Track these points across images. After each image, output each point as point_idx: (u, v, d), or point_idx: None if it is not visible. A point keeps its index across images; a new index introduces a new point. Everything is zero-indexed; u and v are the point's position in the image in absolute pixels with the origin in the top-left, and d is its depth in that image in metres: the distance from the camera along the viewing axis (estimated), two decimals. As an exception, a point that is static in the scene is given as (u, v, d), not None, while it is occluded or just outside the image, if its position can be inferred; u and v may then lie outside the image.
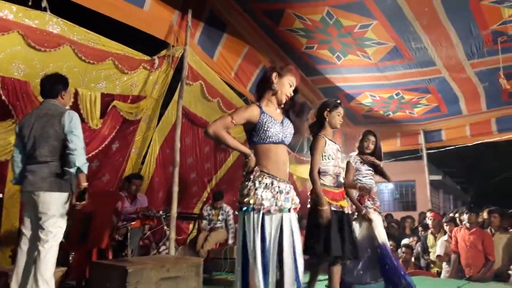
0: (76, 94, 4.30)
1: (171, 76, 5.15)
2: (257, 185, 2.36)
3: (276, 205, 2.37)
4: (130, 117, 4.91)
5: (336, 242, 3.33)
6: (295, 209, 2.48)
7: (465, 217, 6.06)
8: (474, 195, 16.12)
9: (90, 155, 4.63)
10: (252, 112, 2.47)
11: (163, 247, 5.33)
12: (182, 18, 5.03)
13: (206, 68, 5.60)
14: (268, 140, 2.45)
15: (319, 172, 3.45)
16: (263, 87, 2.60)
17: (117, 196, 4.91)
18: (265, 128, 2.44)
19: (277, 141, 2.48)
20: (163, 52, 4.99)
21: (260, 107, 2.52)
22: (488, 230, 6.01)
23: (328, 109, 3.58)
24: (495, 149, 14.68)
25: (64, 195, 3.09)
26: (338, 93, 7.27)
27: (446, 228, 6.40)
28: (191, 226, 6.59)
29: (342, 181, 3.64)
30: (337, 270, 3.48)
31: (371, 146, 4.35)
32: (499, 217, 5.99)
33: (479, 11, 4.70)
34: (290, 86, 2.60)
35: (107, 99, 4.64)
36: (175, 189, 4.71)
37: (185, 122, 5.64)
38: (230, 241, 6.43)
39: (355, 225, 4.28)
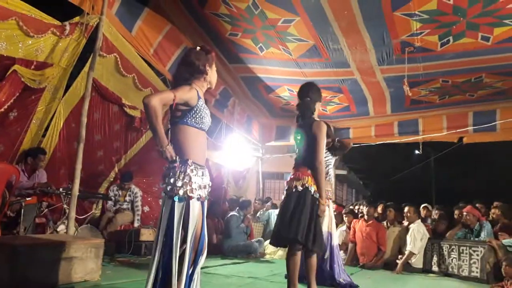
0: (-31, 52, 3.85)
1: (83, 46, 4.81)
2: (191, 175, 2.38)
3: (202, 194, 2.45)
4: (32, 85, 4.53)
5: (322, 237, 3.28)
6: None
7: (364, 209, 6.57)
8: (374, 190, 17.47)
9: (-18, 122, 4.21)
10: (193, 96, 2.46)
11: (61, 226, 5.00)
12: (100, -16, 4.70)
13: (123, 41, 5.31)
14: (200, 126, 2.50)
15: None
16: (193, 73, 2.56)
17: (11, 169, 4.49)
18: (202, 115, 2.48)
19: (205, 129, 2.55)
20: (76, 19, 4.65)
21: (197, 92, 2.50)
22: (385, 223, 6.57)
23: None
24: (395, 150, 16.03)
25: None
26: (259, 84, 7.37)
27: (345, 219, 6.88)
28: (94, 206, 6.28)
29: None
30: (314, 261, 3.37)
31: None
32: (393, 212, 6.58)
33: (392, 21, 5.02)
34: None
35: (6, 62, 4.24)
36: (79, 166, 4.43)
37: (95, 96, 5.34)
38: (136, 224, 6.27)
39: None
